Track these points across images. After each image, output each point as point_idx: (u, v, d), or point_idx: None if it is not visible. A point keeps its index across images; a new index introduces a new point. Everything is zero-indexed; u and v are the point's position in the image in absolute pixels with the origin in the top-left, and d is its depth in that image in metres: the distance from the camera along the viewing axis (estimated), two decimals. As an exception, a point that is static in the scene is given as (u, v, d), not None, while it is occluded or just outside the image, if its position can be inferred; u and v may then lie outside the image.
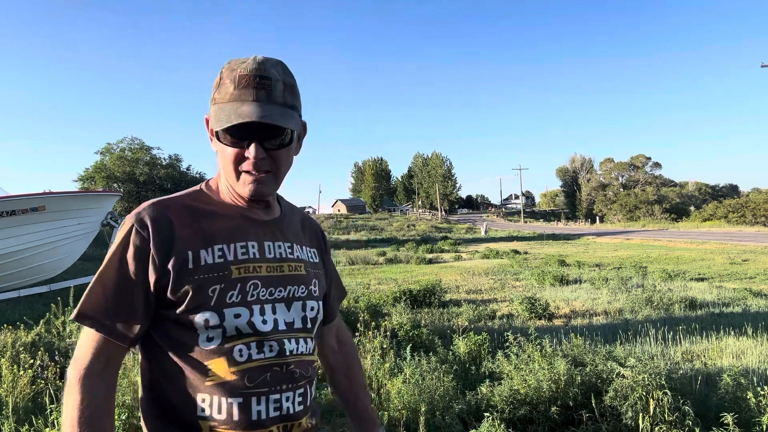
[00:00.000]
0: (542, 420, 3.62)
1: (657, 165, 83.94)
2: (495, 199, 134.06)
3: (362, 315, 6.08)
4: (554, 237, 34.82)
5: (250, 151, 1.08)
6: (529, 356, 4.17)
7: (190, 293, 1.07)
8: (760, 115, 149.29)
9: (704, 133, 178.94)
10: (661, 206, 64.39)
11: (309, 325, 1.20)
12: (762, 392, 3.41)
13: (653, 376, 3.54)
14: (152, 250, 1.07)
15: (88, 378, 1.05)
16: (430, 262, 19.05)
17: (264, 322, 1.12)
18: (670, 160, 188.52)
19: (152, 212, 1.10)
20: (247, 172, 1.11)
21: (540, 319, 7.86)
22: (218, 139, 1.11)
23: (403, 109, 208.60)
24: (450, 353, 5.01)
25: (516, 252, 21.57)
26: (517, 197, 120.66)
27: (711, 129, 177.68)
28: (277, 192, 1.30)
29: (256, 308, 1.11)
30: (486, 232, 44.05)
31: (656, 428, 3.30)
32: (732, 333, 6.35)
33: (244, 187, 1.12)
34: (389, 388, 3.95)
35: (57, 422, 3.32)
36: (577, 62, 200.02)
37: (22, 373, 3.99)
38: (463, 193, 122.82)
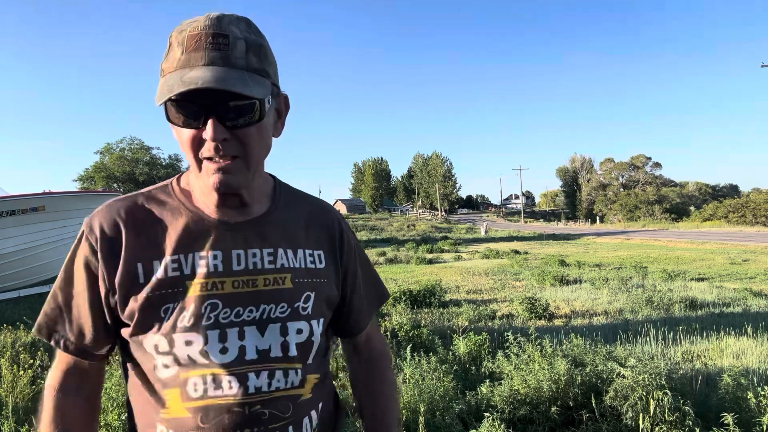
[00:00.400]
0: (542, 420, 3.61)
1: (657, 165, 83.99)
2: (495, 199, 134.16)
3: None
4: (554, 237, 34.82)
5: (207, 131, 0.85)
6: (529, 356, 4.16)
7: (137, 313, 0.91)
8: (760, 115, 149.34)
9: (704, 133, 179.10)
10: (661, 206, 64.40)
11: (294, 353, 0.96)
12: (762, 392, 3.41)
13: (653, 376, 3.53)
14: (100, 262, 0.92)
15: (60, 392, 0.98)
16: (430, 262, 19.04)
17: (224, 350, 0.91)
18: (671, 160, 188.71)
19: (102, 216, 0.95)
20: (209, 159, 0.88)
21: (540, 319, 7.85)
22: (168, 119, 0.88)
23: (403, 109, 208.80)
24: (450, 353, 5.00)
25: (516, 252, 21.57)
26: (517, 197, 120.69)
27: (711, 129, 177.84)
28: (275, 177, 1.09)
29: (213, 334, 0.91)
30: (486, 232, 44.04)
31: (656, 428, 3.30)
32: (732, 333, 6.35)
33: (208, 178, 0.89)
34: (389, 388, 3.94)
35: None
36: (577, 62, 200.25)
37: (21, 373, 3.99)
38: (463, 193, 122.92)
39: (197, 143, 0.88)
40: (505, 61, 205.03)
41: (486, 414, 3.36)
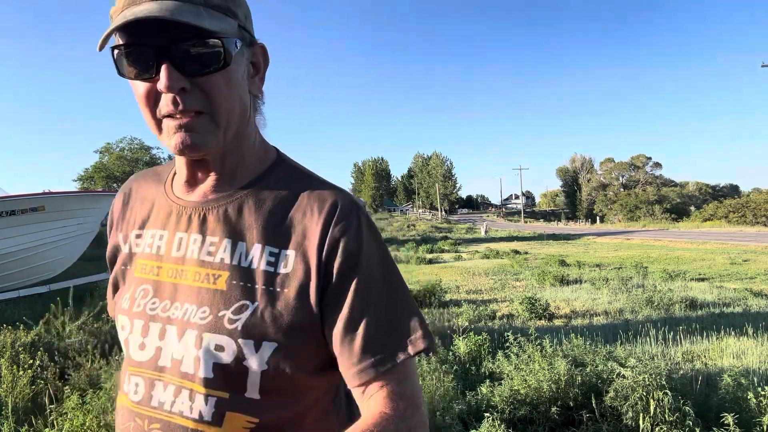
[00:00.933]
0: (542, 420, 3.61)
1: (657, 165, 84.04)
2: (495, 199, 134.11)
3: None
4: (554, 237, 34.80)
5: (161, 79, 0.71)
6: (529, 356, 4.16)
7: (113, 285, 0.90)
8: (760, 115, 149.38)
9: (705, 133, 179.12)
10: (661, 206, 64.44)
11: (209, 374, 0.74)
12: (762, 392, 3.41)
13: (654, 376, 3.53)
14: (110, 229, 0.95)
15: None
16: (430, 262, 19.04)
17: (142, 346, 0.79)
18: (671, 161, 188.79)
19: (126, 184, 0.96)
20: (169, 116, 0.74)
21: (540, 319, 7.85)
22: (119, 72, 0.75)
23: (403, 109, 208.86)
24: (450, 353, 5.00)
25: (516, 252, 21.56)
26: (517, 197, 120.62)
27: (712, 129, 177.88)
28: (280, 153, 0.89)
29: (138, 324, 0.80)
30: (486, 232, 44.03)
31: (657, 428, 3.29)
32: (732, 333, 6.34)
33: (170, 139, 0.74)
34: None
35: (56, 422, 3.32)
36: (577, 62, 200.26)
37: (21, 373, 3.98)
38: (463, 193, 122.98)
39: (153, 98, 0.74)
40: (505, 62, 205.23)
41: (486, 414, 3.36)
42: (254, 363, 0.74)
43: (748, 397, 3.45)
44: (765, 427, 3.23)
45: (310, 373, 0.79)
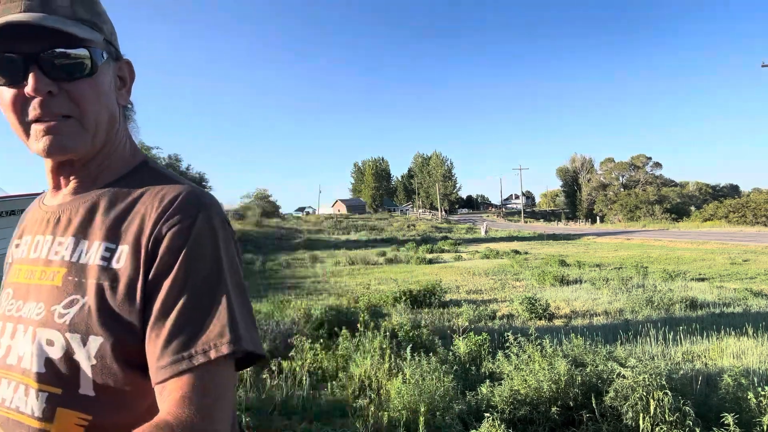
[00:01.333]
0: (542, 420, 3.61)
1: (657, 165, 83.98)
2: (495, 199, 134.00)
3: (362, 315, 6.08)
4: (554, 237, 34.81)
5: (29, 83, 0.75)
6: (529, 356, 4.16)
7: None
8: (761, 115, 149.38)
9: (705, 133, 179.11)
10: (661, 206, 64.43)
11: (41, 369, 0.75)
12: (763, 392, 3.41)
13: (654, 376, 3.53)
14: None
15: None
16: (431, 262, 19.05)
17: None
18: (671, 161, 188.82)
19: None
20: (37, 120, 0.77)
21: (540, 319, 7.85)
22: None
23: (403, 109, 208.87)
24: (450, 353, 5.00)
25: (516, 252, 21.57)
26: (517, 197, 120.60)
27: (712, 129, 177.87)
28: (146, 160, 0.92)
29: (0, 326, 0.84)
30: (486, 232, 44.01)
31: (657, 428, 3.29)
32: (732, 333, 6.35)
33: (37, 143, 0.77)
34: (389, 388, 3.94)
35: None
36: (577, 62, 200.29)
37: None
38: (463, 193, 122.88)
39: (20, 104, 0.77)
40: (505, 61, 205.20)
41: (486, 414, 3.36)
42: (83, 358, 0.74)
43: (748, 397, 3.45)
44: (765, 427, 3.23)
45: (145, 373, 0.76)
